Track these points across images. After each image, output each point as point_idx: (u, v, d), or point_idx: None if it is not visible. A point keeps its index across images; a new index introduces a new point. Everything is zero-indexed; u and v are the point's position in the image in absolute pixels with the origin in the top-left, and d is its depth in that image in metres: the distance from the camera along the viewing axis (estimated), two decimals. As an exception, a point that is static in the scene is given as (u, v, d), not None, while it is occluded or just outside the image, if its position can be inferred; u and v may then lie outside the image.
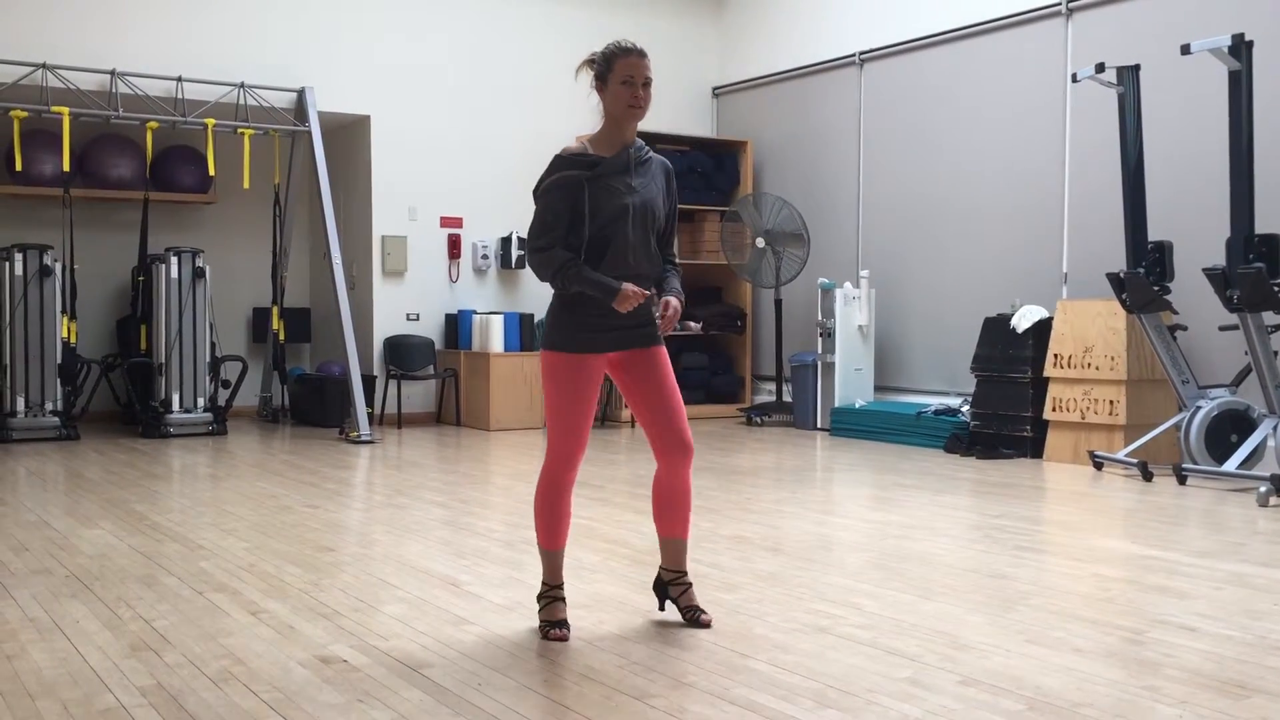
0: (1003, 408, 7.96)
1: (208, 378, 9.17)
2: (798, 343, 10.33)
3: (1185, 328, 7.15)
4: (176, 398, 9.03)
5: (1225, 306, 6.33)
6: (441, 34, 10.28)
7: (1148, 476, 6.71)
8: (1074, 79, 7.34)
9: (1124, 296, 6.93)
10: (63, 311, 8.76)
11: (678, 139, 10.70)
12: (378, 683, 3.08)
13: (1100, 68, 6.94)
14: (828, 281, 9.58)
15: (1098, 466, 7.18)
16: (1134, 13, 7.82)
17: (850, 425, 9.08)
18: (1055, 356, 7.61)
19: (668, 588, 3.74)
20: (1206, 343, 7.34)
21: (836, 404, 9.35)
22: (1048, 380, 7.69)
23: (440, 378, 10.15)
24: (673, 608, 3.80)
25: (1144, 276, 6.80)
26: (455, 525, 5.37)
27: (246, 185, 9.79)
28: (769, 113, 10.86)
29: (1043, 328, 7.87)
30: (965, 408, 8.39)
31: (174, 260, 9.06)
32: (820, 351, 9.55)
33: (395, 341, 10.01)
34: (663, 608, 3.79)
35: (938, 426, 8.34)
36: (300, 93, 9.61)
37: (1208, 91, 7.32)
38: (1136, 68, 6.95)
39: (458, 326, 10.14)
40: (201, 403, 9.12)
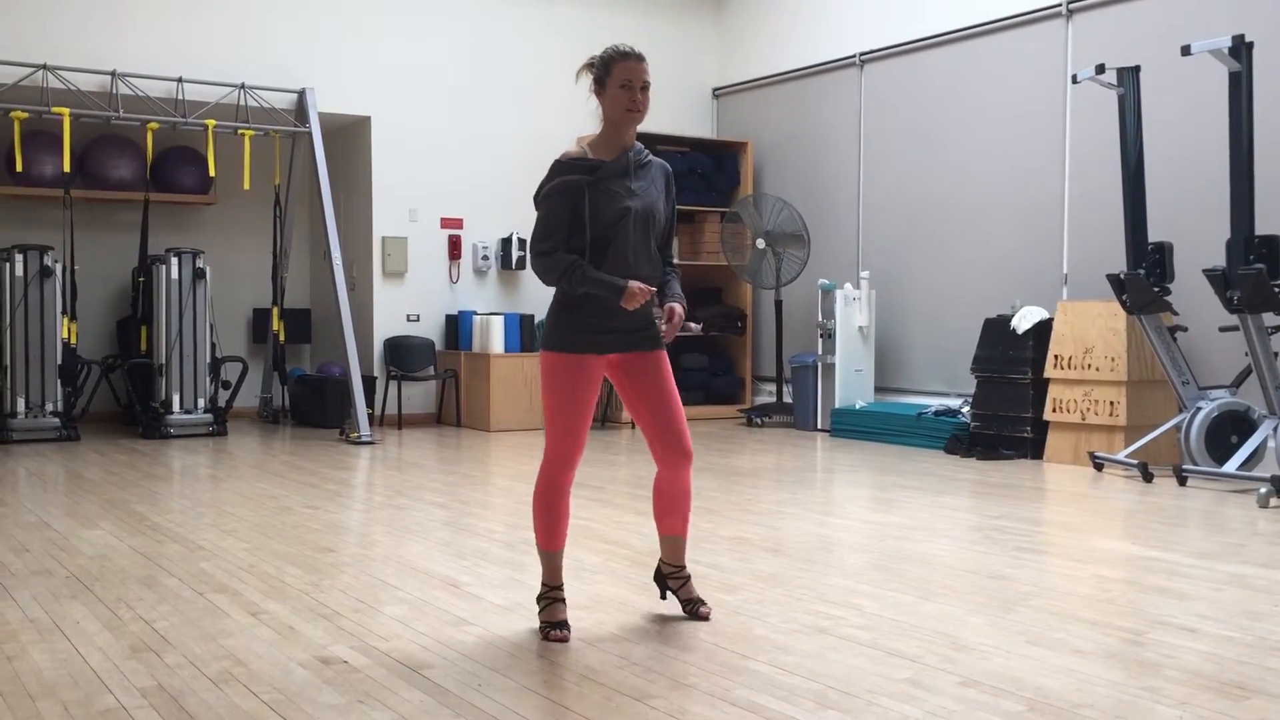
0: (1003, 409, 7.96)
1: (208, 378, 9.17)
2: (798, 344, 10.33)
3: (1185, 329, 7.15)
4: (177, 398, 9.03)
5: (1225, 307, 6.33)
6: (441, 34, 10.28)
7: (1148, 477, 6.71)
8: (1074, 80, 7.34)
9: (1124, 297, 6.93)
10: (63, 312, 8.76)
11: (678, 140, 10.70)
12: (378, 683, 3.09)
13: (1100, 69, 6.94)
14: (828, 282, 9.58)
15: (1098, 467, 7.18)
16: (1134, 14, 7.83)
17: (850, 426, 9.08)
18: (1055, 357, 7.61)
19: (667, 580, 3.83)
20: (1207, 344, 7.34)
21: (837, 405, 9.35)
22: (1048, 381, 7.69)
23: (440, 379, 10.15)
24: (674, 598, 3.87)
25: (1144, 277, 6.80)
26: (455, 526, 5.37)
27: (247, 186, 9.79)
28: (769, 114, 10.86)
29: (1043, 329, 7.87)
30: (965, 409, 8.39)
31: (174, 261, 9.06)
32: (820, 352, 9.55)
33: (395, 342, 10.01)
34: (664, 597, 3.87)
35: (938, 427, 8.34)
36: (300, 93, 9.61)
37: (1208, 92, 7.32)
38: (1137, 69, 6.95)
39: (458, 327, 10.15)
40: (202, 403, 9.12)
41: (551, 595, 3.60)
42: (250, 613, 3.82)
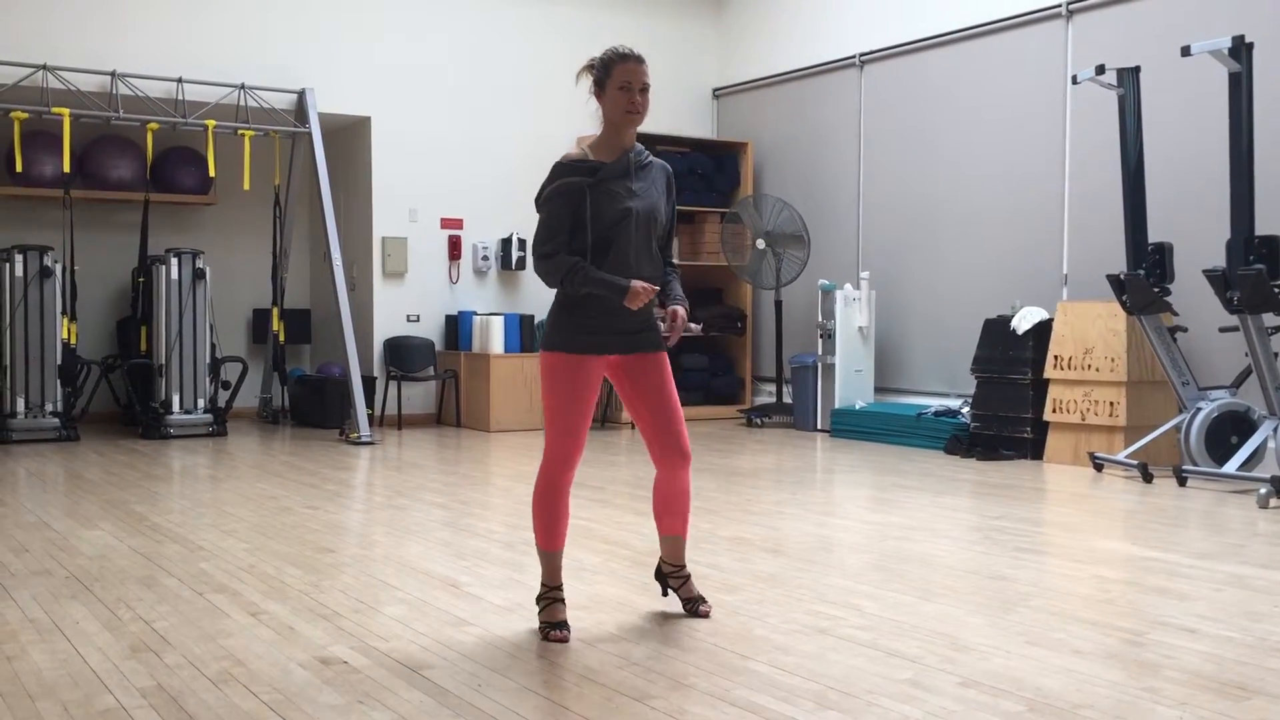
0: (1003, 409, 7.96)
1: (208, 379, 9.17)
2: (798, 344, 10.33)
3: (1185, 329, 7.15)
4: (176, 399, 9.03)
5: (1225, 308, 6.33)
6: (441, 34, 10.28)
7: (1148, 478, 6.71)
8: (1074, 81, 7.34)
9: (1124, 298, 6.93)
10: (63, 312, 8.76)
11: (678, 140, 10.70)
12: (378, 684, 3.08)
13: (1100, 69, 6.94)
14: (828, 283, 9.58)
15: (1098, 468, 7.18)
16: (1134, 14, 7.83)
17: (850, 427, 9.08)
18: (1055, 358, 7.61)
19: (668, 579, 3.86)
20: (1207, 344, 7.34)
21: (837, 405, 9.35)
22: (1048, 382, 7.69)
23: (440, 379, 10.15)
24: (675, 597, 3.89)
25: (1144, 278, 6.80)
26: (455, 526, 5.37)
27: (247, 186, 9.79)
28: (769, 114, 10.86)
29: (1043, 329, 7.86)
30: (965, 409, 8.39)
31: (174, 261, 9.06)
32: (820, 353, 9.55)
33: (395, 343, 10.01)
34: (665, 594, 3.91)
35: (938, 428, 8.34)
36: (300, 94, 9.61)
37: (1208, 93, 7.32)
38: (1137, 69, 6.96)
39: (458, 328, 10.15)
40: (201, 404, 9.12)
41: (551, 596, 3.60)
42: (250, 613, 3.82)
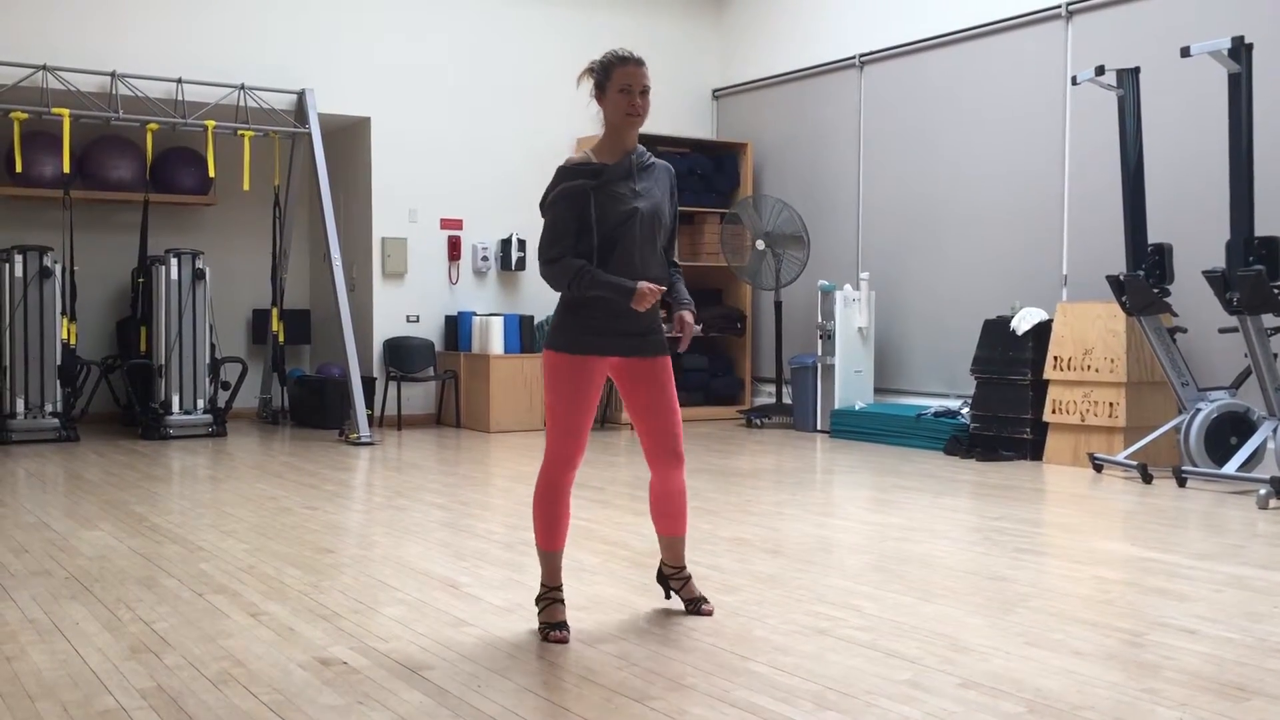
0: (1002, 410, 7.96)
1: (207, 379, 9.17)
2: (797, 345, 10.33)
3: (1185, 330, 7.15)
4: (176, 399, 9.03)
5: (1225, 309, 6.33)
6: (441, 34, 10.28)
7: (1147, 479, 6.71)
8: (1074, 81, 7.34)
9: (1124, 299, 6.93)
10: (62, 313, 8.76)
11: (678, 141, 10.70)
12: (377, 684, 3.09)
13: (1100, 70, 6.94)
14: (827, 284, 9.58)
15: (1097, 469, 7.18)
16: (1134, 15, 7.83)
17: (850, 427, 9.08)
18: (1055, 359, 7.61)
19: (669, 581, 3.87)
20: (1206, 345, 7.34)
21: (836, 406, 9.35)
22: (1047, 382, 7.69)
23: (440, 379, 10.15)
24: (678, 597, 3.90)
25: (1144, 279, 6.80)
26: (455, 527, 5.37)
27: (246, 187, 9.79)
28: (769, 115, 10.86)
29: (1042, 330, 7.87)
30: (965, 410, 8.39)
31: (174, 262, 9.06)
32: (820, 353, 9.55)
33: (395, 343, 10.01)
34: (668, 596, 3.91)
35: (937, 429, 8.34)
36: (300, 94, 9.61)
37: (1207, 94, 7.33)
38: (1136, 70, 6.96)
39: (457, 328, 10.15)
40: (201, 404, 9.12)
41: (551, 596, 3.61)
42: (250, 614, 3.82)
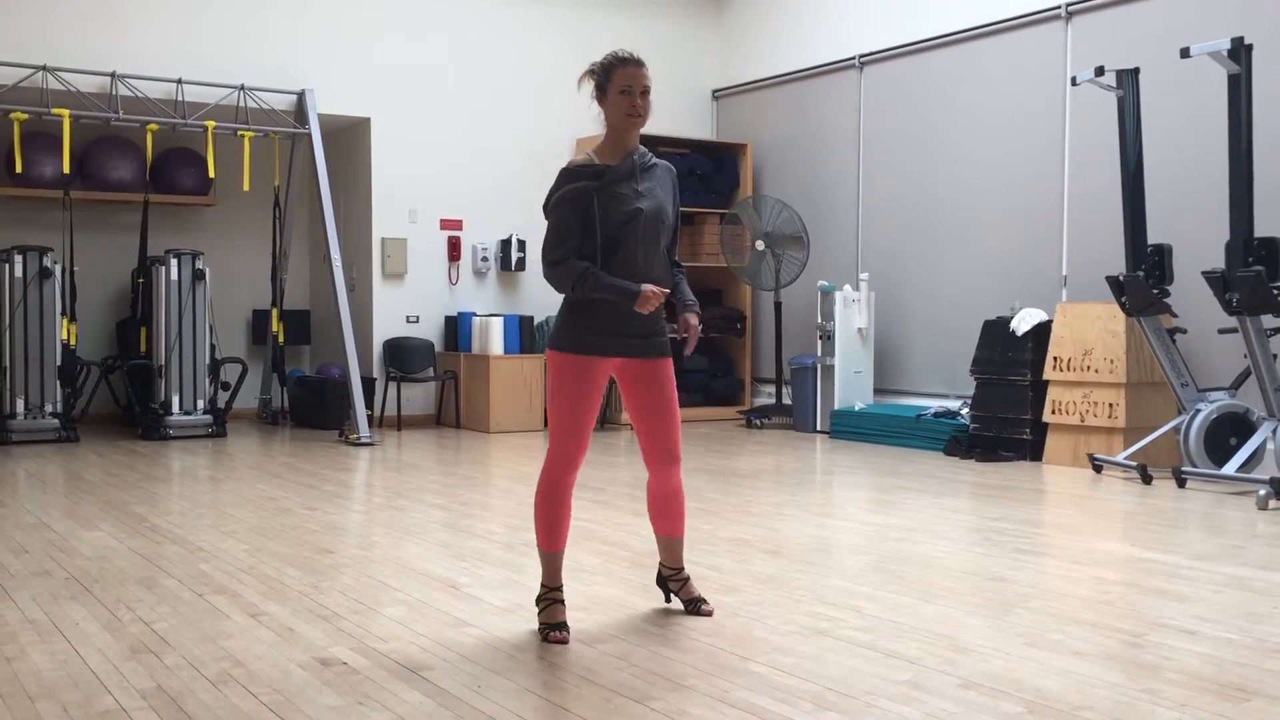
0: (1002, 410, 7.96)
1: (207, 380, 9.17)
2: (797, 345, 10.33)
3: (1185, 331, 7.15)
4: (176, 400, 9.03)
5: (1224, 309, 6.33)
6: (441, 34, 10.28)
7: (1147, 479, 6.71)
8: (1073, 82, 7.34)
9: (1123, 299, 6.94)
10: (62, 313, 8.76)
11: (678, 141, 10.70)
12: (377, 685, 3.09)
13: (1100, 71, 6.94)
14: (827, 284, 9.58)
15: (1097, 469, 7.18)
16: (1133, 16, 7.83)
17: (850, 428, 9.08)
18: (1055, 359, 7.61)
19: (668, 582, 3.87)
20: (1206, 346, 7.34)
21: (836, 406, 9.35)
22: (1047, 383, 7.70)
23: (440, 380, 10.15)
24: (677, 598, 3.90)
25: (1143, 279, 6.80)
26: (455, 527, 5.37)
27: (246, 187, 9.79)
28: (769, 115, 10.86)
29: (1042, 330, 7.87)
30: (965, 410, 8.40)
31: (174, 262, 9.06)
32: (820, 354, 9.55)
33: (395, 344, 10.01)
34: (668, 599, 3.92)
35: (937, 429, 8.34)
36: (300, 95, 9.62)
37: (1207, 95, 7.33)
38: (1136, 71, 6.96)
39: (457, 329, 10.15)
40: (201, 405, 9.12)
41: (551, 596, 3.61)
42: (250, 614, 3.82)
